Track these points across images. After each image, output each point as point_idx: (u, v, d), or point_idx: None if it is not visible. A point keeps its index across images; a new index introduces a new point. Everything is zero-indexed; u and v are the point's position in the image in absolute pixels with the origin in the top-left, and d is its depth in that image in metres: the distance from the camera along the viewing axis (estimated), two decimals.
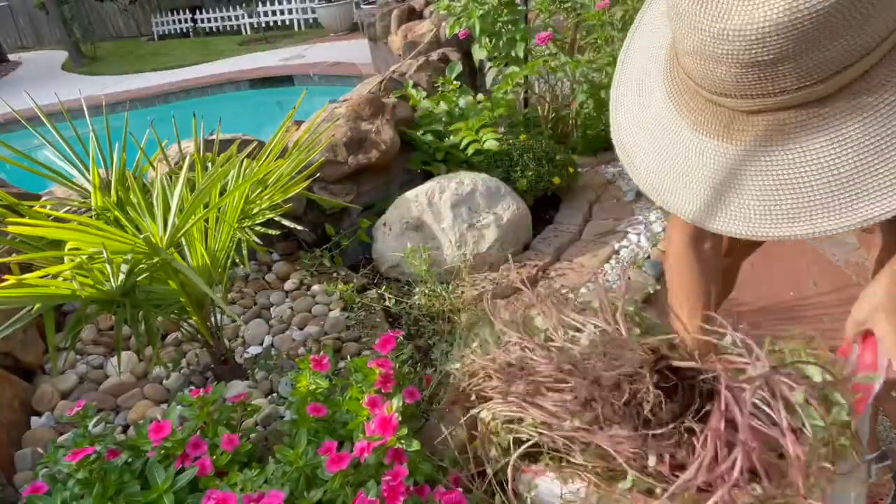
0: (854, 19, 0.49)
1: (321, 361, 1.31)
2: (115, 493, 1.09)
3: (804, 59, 0.51)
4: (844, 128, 0.54)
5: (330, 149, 2.45)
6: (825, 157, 0.55)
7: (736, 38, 0.52)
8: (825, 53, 0.51)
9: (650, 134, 0.70)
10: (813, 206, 0.56)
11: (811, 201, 0.56)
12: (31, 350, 1.72)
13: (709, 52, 0.56)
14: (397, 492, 1.00)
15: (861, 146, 0.54)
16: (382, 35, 5.52)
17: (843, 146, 0.55)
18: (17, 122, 6.35)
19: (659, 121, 0.68)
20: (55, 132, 1.65)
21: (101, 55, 11.71)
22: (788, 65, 0.52)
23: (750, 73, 0.54)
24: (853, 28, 0.49)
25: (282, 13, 11.98)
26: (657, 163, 0.68)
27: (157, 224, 1.40)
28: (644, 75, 0.72)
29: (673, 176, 0.67)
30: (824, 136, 0.55)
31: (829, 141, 0.55)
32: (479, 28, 2.89)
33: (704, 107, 0.63)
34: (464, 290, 2.15)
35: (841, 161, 0.55)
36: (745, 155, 0.59)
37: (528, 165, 2.59)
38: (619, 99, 0.76)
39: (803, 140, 0.56)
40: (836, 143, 0.55)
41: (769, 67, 0.53)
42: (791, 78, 0.53)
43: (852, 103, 0.54)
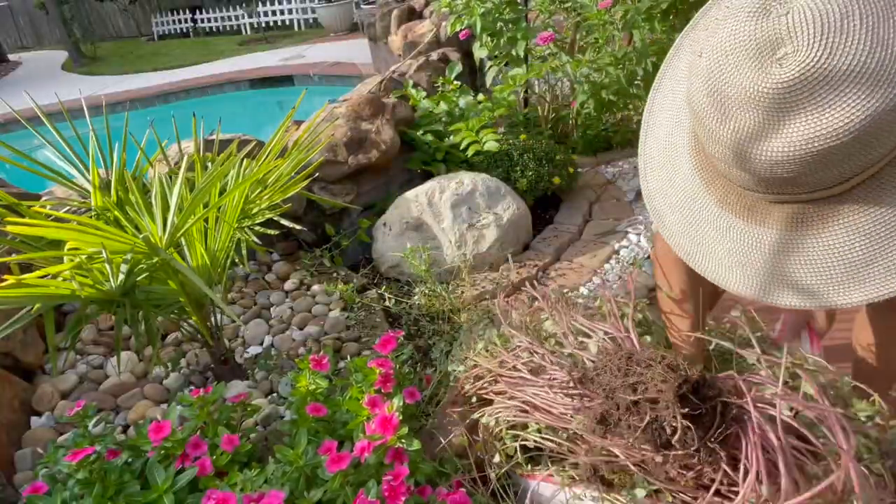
0: (859, 150, 0.53)
1: (321, 361, 1.31)
2: (115, 493, 1.09)
3: (819, 175, 0.56)
4: (857, 218, 0.60)
5: (330, 149, 2.45)
6: (839, 245, 0.61)
7: (755, 159, 0.57)
8: (835, 171, 0.56)
9: (680, 201, 0.74)
10: (828, 283, 0.62)
11: (827, 280, 0.62)
12: (31, 350, 1.72)
13: (731, 162, 0.61)
14: (398, 491, 1.00)
15: (871, 235, 0.60)
16: (382, 35, 5.52)
17: (856, 235, 0.60)
18: (17, 122, 6.34)
19: (687, 191, 0.73)
20: (55, 132, 1.65)
21: (101, 55, 11.71)
22: (802, 180, 0.58)
23: (771, 183, 0.60)
24: (860, 154, 0.54)
25: (282, 13, 11.98)
26: (687, 229, 0.74)
27: (156, 224, 1.40)
28: (670, 144, 0.76)
29: (701, 243, 0.72)
30: (839, 226, 0.61)
31: (844, 231, 0.60)
32: (481, 26, 2.89)
33: (729, 188, 0.67)
34: (464, 290, 2.15)
35: (855, 248, 0.60)
36: (767, 237, 0.65)
37: (528, 165, 2.59)
38: (648, 163, 0.80)
39: (820, 229, 0.61)
40: (849, 232, 0.60)
41: (791, 180, 0.58)
42: (807, 186, 0.59)
43: (863, 199, 0.59)
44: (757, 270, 0.67)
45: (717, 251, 0.70)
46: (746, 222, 0.66)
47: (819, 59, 0.51)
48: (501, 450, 1.07)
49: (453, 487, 1.13)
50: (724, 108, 0.57)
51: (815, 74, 0.51)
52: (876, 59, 0.50)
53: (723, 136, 0.59)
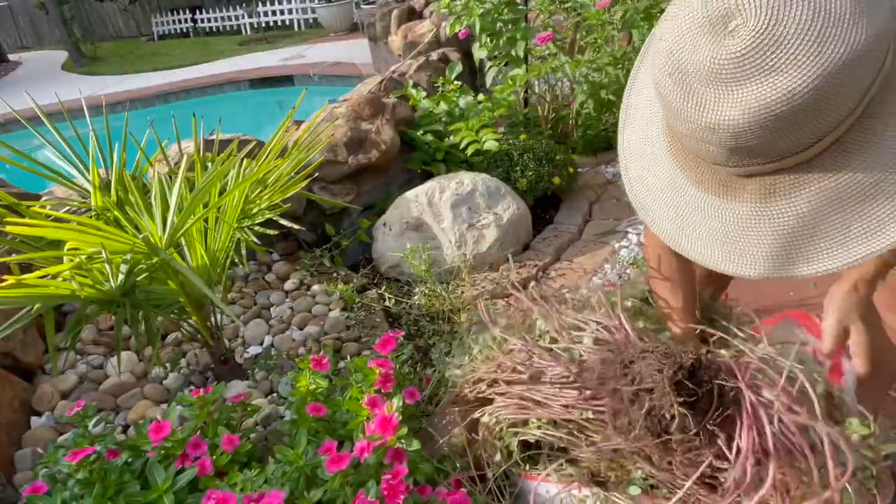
0: (818, 111, 0.56)
1: (321, 361, 1.31)
2: (115, 493, 1.09)
3: (781, 142, 0.59)
4: (826, 184, 0.62)
5: (330, 149, 2.45)
6: (810, 212, 0.63)
7: (719, 129, 0.60)
8: (799, 135, 0.58)
9: (660, 187, 0.77)
10: (808, 250, 0.64)
11: (801, 249, 0.64)
12: (31, 350, 1.72)
13: (698, 136, 0.63)
14: (397, 490, 1.00)
15: (841, 200, 0.61)
16: (382, 35, 5.52)
17: (826, 201, 0.62)
18: (17, 122, 6.34)
19: (666, 176, 0.76)
20: (55, 132, 1.65)
21: (101, 55, 11.71)
22: (768, 147, 0.60)
23: (737, 153, 0.62)
24: (820, 116, 0.57)
25: (282, 13, 11.98)
26: (668, 213, 0.76)
27: (156, 224, 1.40)
28: (647, 135, 0.79)
29: (684, 227, 0.74)
30: (809, 193, 0.63)
31: (816, 196, 0.62)
32: (480, 27, 2.89)
33: (703, 168, 0.70)
34: (464, 290, 2.15)
35: (826, 214, 0.62)
36: (742, 211, 0.67)
37: (528, 165, 2.59)
38: (627, 155, 0.83)
39: (792, 198, 0.64)
40: (820, 197, 0.62)
41: (752, 150, 0.60)
42: (773, 154, 0.61)
43: (830, 164, 0.61)
44: (736, 246, 0.69)
45: (698, 232, 0.72)
46: (722, 199, 0.69)
47: (767, 26, 0.54)
48: (502, 448, 1.06)
49: (453, 487, 1.13)
50: (685, 84, 0.61)
51: (765, 41, 0.55)
52: (819, 22, 0.53)
53: (687, 112, 0.62)
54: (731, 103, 0.58)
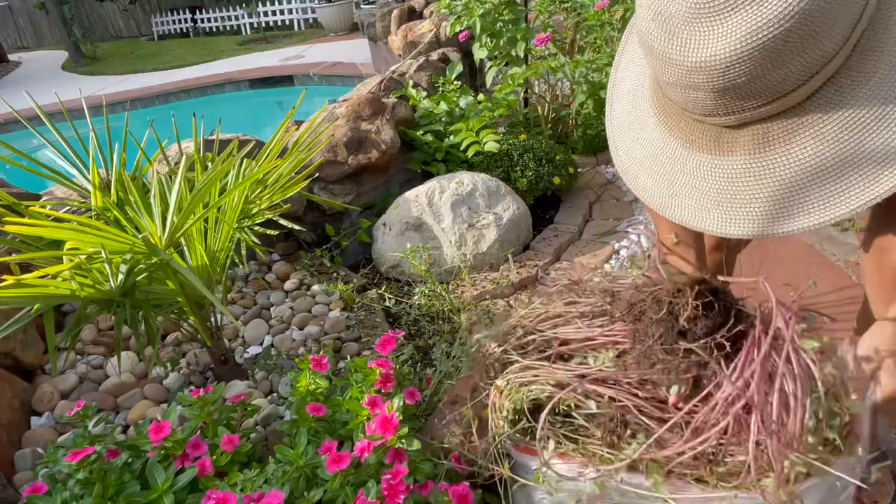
0: (808, 38, 0.54)
1: (321, 361, 1.31)
2: (115, 493, 1.09)
3: (771, 76, 0.57)
4: (822, 126, 0.59)
5: (330, 149, 2.45)
6: (809, 156, 0.60)
7: (706, 68, 0.58)
8: (789, 68, 0.56)
9: (650, 155, 0.75)
10: (808, 200, 0.61)
11: (805, 196, 0.61)
12: (31, 350, 1.72)
13: (685, 82, 0.61)
14: (397, 490, 1.00)
15: (839, 140, 0.59)
16: (382, 35, 5.52)
17: (824, 143, 0.59)
18: (17, 122, 6.33)
19: (655, 143, 0.73)
20: (55, 132, 1.65)
21: (101, 55, 11.72)
22: (757, 84, 0.57)
23: (726, 95, 0.60)
24: (808, 45, 0.55)
25: (282, 13, 11.98)
26: (659, 181, 0.73)
27: (155, 224, 1.40)
28: (634, 106, 0.77)
29: (676, 194, 0.71)
30: (805, 137, 0.60)
31: (812, 141, 0.60)
32: (480, 27, 2.89)
33: (693, 126, 0.68)
34: (464, 290, 2.15)
35: (824, 157, 0.60)
36: (738, 165, 0.64)
37: (528, 165, 2.59)
38: (615, 130, 0.82)
39: (788, 144, 0.61)
40: (817, 141, 0.60)
41: (742, 88, 0.58)
42: (764, 94, 0.58)
43: (825, 105, 0.59)
44: (730, 205, 0.66)
45: (691, 195, 0.70)
46: (714, 156, 0.66)
47: None
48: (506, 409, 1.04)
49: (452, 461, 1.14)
50: (668, 27, 0.59)
51: None
52: None
53: (673, 55, 0.60)
54: (715, 38, 0.56)
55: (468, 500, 1.06)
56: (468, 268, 2.23)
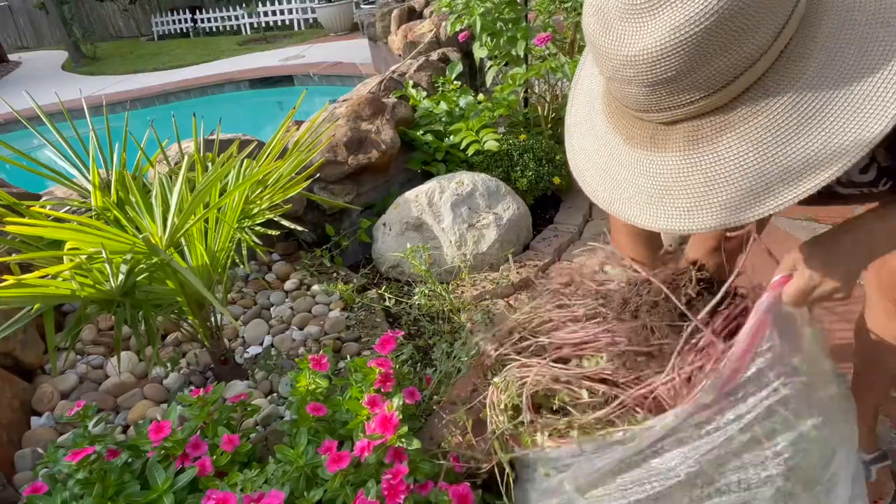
0: (731, 36, 0.57)
1: (321, 361, 1.31)
2: (115, 493, 1.09)
3: (698, 73, 0.59)
4: (747, 127, 0.62)
5: (330, 149, 2.45)
6: (734, 156, 0.62)
7: (637, 62, 0.61)
8: (715, 65, 0.59)
9: (596, 151, 0.78)
10: (733, 198, 0.63)
11: (728, 196, 0.63)
12: (31, 350, 1.72)
13: (620, 76, 0.64)
14: (397, 490, 1.00)
15: (763, 142, 0.61)
16: (382, 35, 5.52)
17: (749, 143, 0.62)
18: (17, 122, 6.33)
19: (601, 139, 0.76)
20: (56, 132, 1.65)
21: (101, 55, 11.72)
22: (685, 80, 0.60)
23: (657, 91, 0.62)
24: (732, 44, 0.57)
25: (282, 13, 11.98)
26: (603, 178, 0.76)
27: (156, 224, 1.40)
28: (590, 107, 0.80)
29: (616, 188, 0.74)
30: (730, 137, 0.63)
31: (737, 141, 0.62)
32: (480, 26, 2.89)
33: (633, 122, 0.70)
34: (464, 290, 2.15)
35: (748, 157, 0.62)
36: (670, 161, 0.67)
37: (528, 165, 2.59)
38: (569, 127, 0.85)
39: (715, 143, 0.63)
40: (742, 141, 0.62)
41: (671, 83, 0.61)
42: (692, 91, 0.61)
43: (751, 107, 0.61)
44: (664, 201, 0.68)
45: (630, 191, 0.72)
46: (650, 152, 0.69)
47: None
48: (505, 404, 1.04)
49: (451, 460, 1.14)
50: (606, 22, 0.62)
51: None
52: None
53: (608, 49, 0.63)
54: (644, 33, 0.59)
55: (468, 499, 1.07)
56: (468, 268, 2.23)
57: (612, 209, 0.75)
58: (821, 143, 0.59)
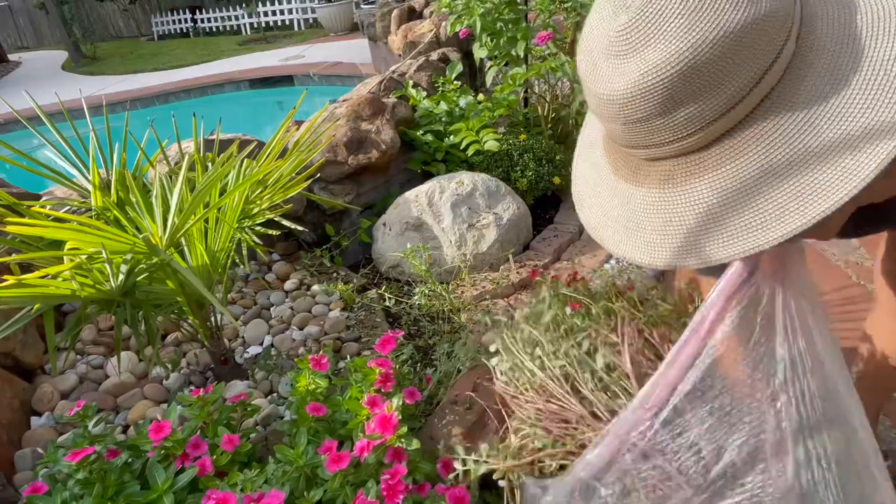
0: (704, 83, 0.57)
1: (320, 361, 1.31)
2: (115, 493, 1.09)
3: (669, 117, 0.60)
4: (714, 176, 0.62)
5: (330, 149, 2.45)
6: (699, 202, 0.63)
7: (614, 100, 0.62)
8: (687, 111, 0.59)
9: (594, 179, 0.81)
10: (697, 240, 0.65)
11: (695, 236, 0.65)
12: (31, 350, 1.72)
13: (602, 112, 0.66)
14: (396, 490, 1.00)
15: (726, 191, 0.62)
16: (382, 35, 5.52)
17: (713, 193, 0.62)
18: (17, 122, 6.33)
19: (599, 167, 0.79)
20: (55, 132, 1.65)
21: (101, 55, 11.72)
22: (657, 121, 0.61)
23: (634, 129, 0.63)
24: (706, 90, 0.58)
25: (282, 13, 11.99)
26: (595, 206, 0.80)
27: (156, 224, 1.40)
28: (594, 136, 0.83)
29: (602, 215, 0.78)
30: (700, 183, 0.64)
31: (706, 187, 0.63)
32: (480, 26, 2.89)
33: (619, 154, 0.72)
34: (464, 290, 2.15)
35: (712, 204, 0.63)
36: (646, 196, 0.69)
37: (528, 165, 2.59)
38: (578, 153, 0.89)
39: (685, 186, 0.65)
40: (710, 190, 0.63)
41: (645, 123, 0.62)
42: (666, 132, 0.62)
43: (722, 154, 0.62)
44: (639, 233, 0.70)
45: (613, 219, 0.75)
46: (630, 184, 0.71)
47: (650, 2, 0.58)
48: None
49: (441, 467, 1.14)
50: (591, 60, 0.64)
51: (647, 14, 0.58)
52: None
53: (591, 86, 0.65)
54: (619, 74, 0.61)
55: (465, 501, 1.06)
56: (468, 268, 2.23)
57: (600, 237, 0.78)
58: (785, 199, 0.59)
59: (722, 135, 0.61)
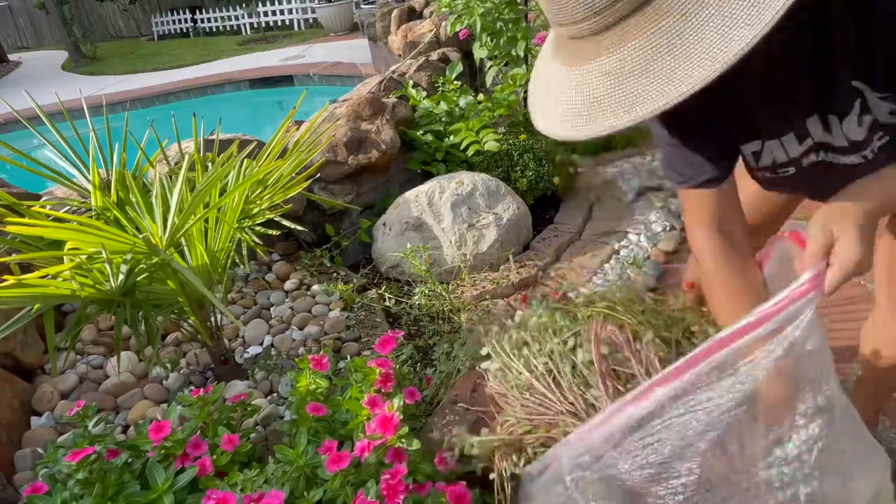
0: None
1: (321, 361, 1.31)
2: (115, 493, 1.09)
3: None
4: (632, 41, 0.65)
5: (330, 149, 2.45)
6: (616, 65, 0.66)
7: None
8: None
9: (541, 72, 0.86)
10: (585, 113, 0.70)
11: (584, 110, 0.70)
12: (31, 350, 1.72)
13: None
14: (396, 490, 1.00)
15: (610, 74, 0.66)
16: (382, 35, 5.52)
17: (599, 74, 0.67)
18: (17, 122, 6.34)
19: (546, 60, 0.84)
20: (55, 132, 1.65)
21: (101, 55, 11.72)
22: None
23: (554, 5, 0.68)
24: None
25: (282, 13, 11.98)
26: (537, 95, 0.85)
27: (156, 224, 1.40)
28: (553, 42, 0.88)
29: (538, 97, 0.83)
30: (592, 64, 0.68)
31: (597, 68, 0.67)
32: (480, 25, 2.89)
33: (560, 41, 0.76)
34: (464, 290, 2.15)
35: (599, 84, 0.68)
36: (560, 72, 0.74)
37: (528, 165, 2.59)
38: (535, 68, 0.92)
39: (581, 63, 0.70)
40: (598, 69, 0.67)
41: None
42: (577, 8, 0.66)
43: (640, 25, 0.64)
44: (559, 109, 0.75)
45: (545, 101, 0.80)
46: (565, 65, 0.75)
47: None
48: None
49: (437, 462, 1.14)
50: None
51: None
52: None
53: None
54: None
55: (465, 499, 1.06)
56: (468, 268, 2.23)
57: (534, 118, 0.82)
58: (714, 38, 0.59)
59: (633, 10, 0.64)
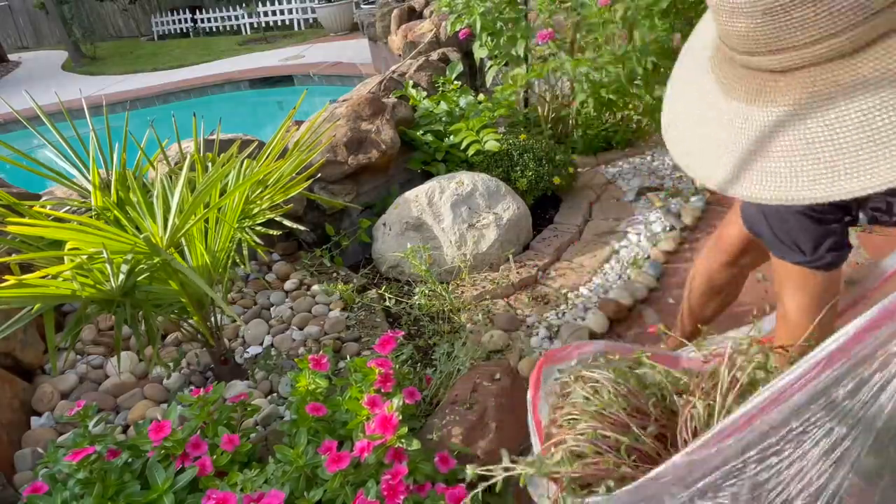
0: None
1: (320, 361, 1.31)
2: (115, 493, 1.09)
3: (820, 4, 0.48)
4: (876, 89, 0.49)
5: (330, 149, 2.45)
6: (856, 118, 0.51)
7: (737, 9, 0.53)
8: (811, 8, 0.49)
9: (693, 108, 0.69)
10: (841, 166, 0.52)
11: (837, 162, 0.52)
12: (31, 350, 1.72)
13: (729, 5, 0.55)
14: (397, 490, 1.00)
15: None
16: (382, 35, 5.52)
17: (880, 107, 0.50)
18: (17, 122, 6.32)
19: (701, 96, 0.67)
20: (55, 132, 1.65)
21: (101, 55, 11.71)
22: (806, 9, 0.49)
23: (769, 23, 0.52)
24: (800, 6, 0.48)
25: (282, 13, 11.98)
26: (691, 133, 0.68)
27: (157, 224, 1.40)
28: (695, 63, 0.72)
29: (701, 144, 0.65)
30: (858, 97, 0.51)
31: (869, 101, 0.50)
32: (480, 25, 2.89)
33: (739, 73, 0.61)
34: (464, 290, 2.15)
35: (876, 121, 0.50)
36: (776, 117, 0.56)
37: (528, 165, 2.59)
38: (673, 79, 0.77)
39: (835, 100, 0.52)
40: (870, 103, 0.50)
41: (786, 14, 0.50)
42: (811, 27, 0.50)
43: (885, 62, 0.49)
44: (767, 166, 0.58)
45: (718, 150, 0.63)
46: (752, 106, 0.60)
47: None
48: None
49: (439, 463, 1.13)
50: None
51: None
52: None
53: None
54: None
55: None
56: (468, 268, 2.23)
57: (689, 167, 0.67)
58: None
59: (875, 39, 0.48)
